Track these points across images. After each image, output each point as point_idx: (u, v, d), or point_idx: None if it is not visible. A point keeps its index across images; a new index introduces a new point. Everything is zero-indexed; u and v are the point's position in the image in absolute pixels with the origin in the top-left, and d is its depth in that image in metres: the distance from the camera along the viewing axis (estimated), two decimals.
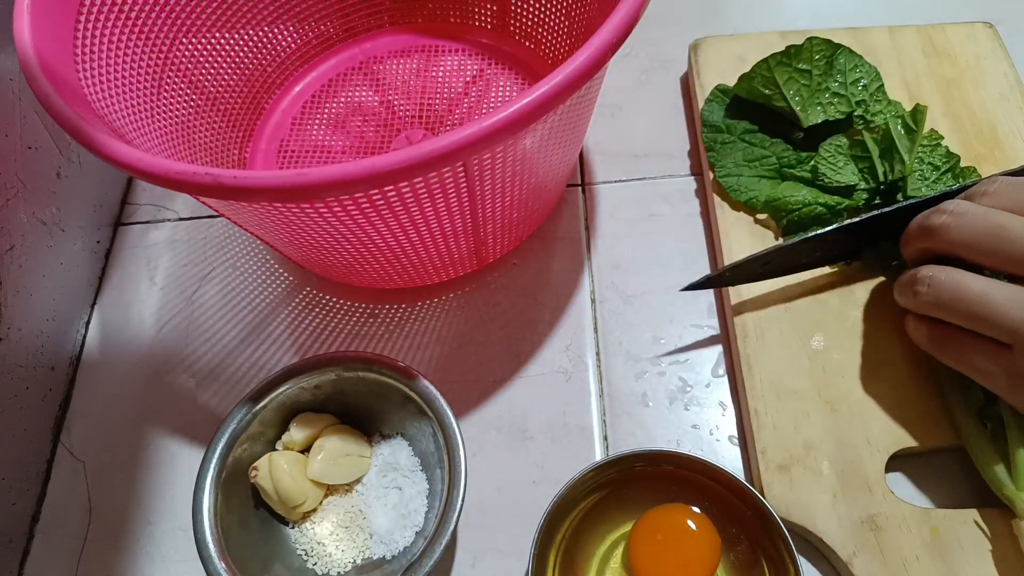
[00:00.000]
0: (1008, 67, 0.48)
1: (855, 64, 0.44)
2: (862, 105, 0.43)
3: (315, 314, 0.44)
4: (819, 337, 0.39)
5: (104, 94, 0.35)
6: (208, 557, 0.31)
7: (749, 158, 0.44)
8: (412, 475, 0.36)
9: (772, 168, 0.43)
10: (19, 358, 0.38)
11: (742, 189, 0.43)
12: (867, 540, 0.34)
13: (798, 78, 0.43)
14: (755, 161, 0.44)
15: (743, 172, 0.44)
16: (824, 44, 0.44)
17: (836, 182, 0.41)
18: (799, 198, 0.41)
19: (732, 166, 0.44)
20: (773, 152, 0.44)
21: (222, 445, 0.34)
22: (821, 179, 0.42)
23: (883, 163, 0.41)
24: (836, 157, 0.42)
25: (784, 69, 0.43)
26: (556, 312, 0.43)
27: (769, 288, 0.40)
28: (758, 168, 0.44)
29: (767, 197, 0.42)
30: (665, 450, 0.33)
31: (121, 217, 0.49)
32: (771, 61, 0.43)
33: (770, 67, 0.43)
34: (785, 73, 0.43)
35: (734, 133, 0.45)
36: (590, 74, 0.27)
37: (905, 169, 0.40)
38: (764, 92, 0.44)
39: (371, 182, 0.26)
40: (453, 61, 0.51)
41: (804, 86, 0.43)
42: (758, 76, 0.44)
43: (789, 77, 0.43)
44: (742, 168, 0.44)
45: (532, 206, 0.41)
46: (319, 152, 0.48)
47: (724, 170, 0.44)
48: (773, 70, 0.43)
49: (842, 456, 0.36)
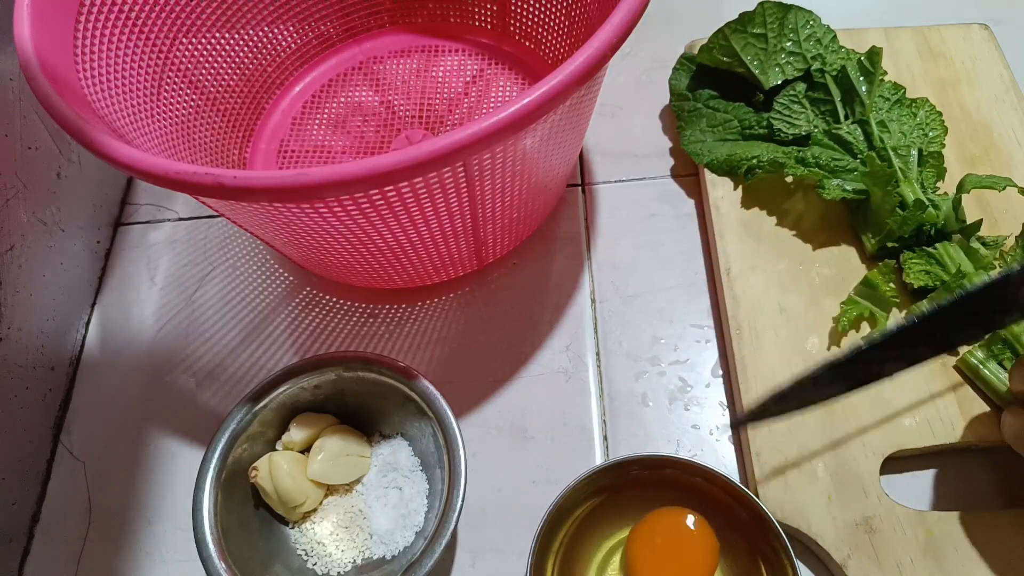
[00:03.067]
0: (1003, 68, 0.48)
1: (806, 20, 0.45)
2: (818, 59, 0.44)
3: (315, 314, 0.44)
4: (814, 339, 0.39)
5: (104, 94, 0.35)
6: (208, 557, 0.31)
7: (712, 123, 0.46)
8: (412, 475, 0.36)
9: (734, 131, 0.45)
10: (19, 358, 0.38)
11: (704, 153, 0.45)
12: (862, 542, 0.34)
13: (754, 43, 0.45)
14: (718, 126, 0.46)
15: (707, 137, 0.45)
16: (775, 7, 0.45)
17: (791, 135, 0.43)
18: (755, 153, 0.43)
19: (698, 132, 0.46)
20: (735, 116, 0.45)
21: (222, 445, 0.34)
22: (777, 134, 0.43)
23: (844, 107, 0.43)
24: (791, 108, 0.43)
25: (740, 36, 0.45)
26: (556, 312, 0.43)
27: (765, 291, 0.40)
28: (721, 132, 0.45)
29: (726, 155, 0.44)
30: (662, 455, 0.33)
31: (121, 217, 0.49)
32: (727, 30, 0.45)
33: (726, 35, 0.45)
34: (741, 40, 0.44)
35: (699, 100, 0.47)
36: (590, 74, 0.27)
37: (865, 111, 0.42)
38: (724, 60, 0.45)
39: (371, 182, 0.26)
40: (453, 61, 0.51)
41: (761, 50, 0.44)
42: (716, 45, 0.45)
43: (746, 43, 0.44)
44: (706, 133, 0.46)
45: (532, 206, 0.41)
46: (319, 152, 0.48)
47: (690, 137, 0.46)
48: (729, 38, 0.45)
49: (837, 459, 0.36)
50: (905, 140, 0.42)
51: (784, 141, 0.43)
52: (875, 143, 0.42)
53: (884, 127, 0.42)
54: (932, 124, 0.43)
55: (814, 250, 0.42)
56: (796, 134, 0.43)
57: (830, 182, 0.41)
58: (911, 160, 0.41)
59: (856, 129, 0.42)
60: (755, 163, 0.42)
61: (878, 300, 0.39)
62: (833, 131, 0.42)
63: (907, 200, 0.40)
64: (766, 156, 0.42)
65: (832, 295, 0.40)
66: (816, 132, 0.43)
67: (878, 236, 0.40)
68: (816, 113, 0.43)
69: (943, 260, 0.39)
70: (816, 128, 0.43)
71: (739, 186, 0.44)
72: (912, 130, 0.42)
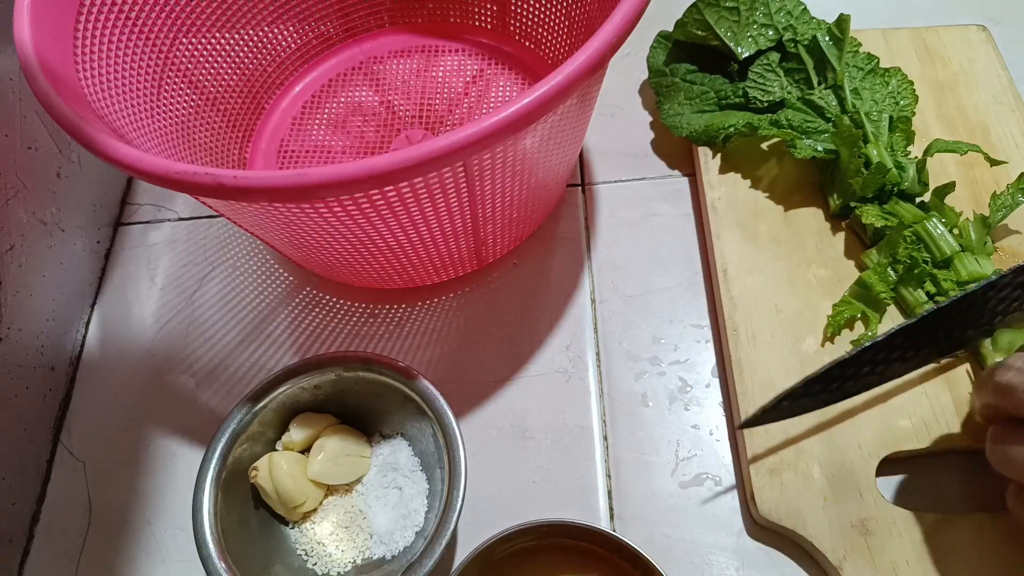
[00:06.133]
0: (1001, 69, 0.48)
1: None
2: (790, 30, 0.45)
3: (315, 314, 0.44)
4: (810, 340, 0.39)
5: (104, 94, 0.35)
6: (208, 557, 0.31)
7: (690, 96, 0.47)
8: (412, 475, 0.36)
9: (711, 102, 0.46)
10: (19, 358, 0.38)
11: (683, 125, 0.46)
12: (857, 544, 0.34)
13: (727, 16, 0.46)
14: (695, 98, 0.46)
15: (685, 110, 0.46)
16: None
17: (766, 102, 0.44)
18: (731, 121, 0.44)
19: (676, 106, 0.47)
20: (711, 87, 0.46)
21: (222, 445, 0.34)
22: (753, 102, 0.45)
23: (817, 74, 0.44)
24: (765, 76, 0.44)
25: (713, 10, 0.46)
26: (556, 312, 0.43)
27: (762, 292, 0.40)
28: (698, 104, 0.46)
29: (704, 126, 0.44)
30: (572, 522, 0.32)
31: (121, 217, 0.49)
32: (700, 4, 0.46)
33: (700, 10, 0.46)
34: (715, 13, 0.46)
35: (677, 75, 0.48)
36: (590, 74, 0.27)
37: (837, 77, 0.43)
38: (699, 34, 0.46)
39: (371, 182, 0.26)
40: (453, 61, 0.51)
41: (734, 22, 0.46)
42: (690, 20, 0.46)
43: (719, 17, 0.46)
44: (684, 106, 0.47)
45: (532, 206, 0.41)
46: (319, 152, 0.48)
47: (669, 111, 0.47)
48: (703, 12, 0.46)
49: (833, 460, 0.36)
50: (877, 107, 0.43)
51: (759, 109, 0.45)
52: (847, 108, 0.43)
53: (857, 94, 0.43)
54: (904, 92, 0.44)
55: (786, 211, 0.43)
56: (771, 101, 0.44)
57: (802, 142, 0.42)
58: (882, 125, 0.42)
59: (829, 94, 0.44)
60: (732, 131, 0.43)
61: (872, 301, 0.39)
62: (806, 97, 0.44)
63: (872, 161, 0.41)
64: (742, 122, 0.43)
65: (828, 296, 0.40)
66: (790, 98, 0.44)
67: (843, 196, 0.41)
68: (790, 81, 0.45)
69: (896, 212, 0.40)
70: (790, 94, 0.44)
71: (737, 187, 0.44)
72: (884, 98, 0.43)
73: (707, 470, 0.38)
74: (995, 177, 0.43)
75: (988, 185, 0.43)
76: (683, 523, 0.37)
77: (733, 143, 0.44)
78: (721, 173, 0.45)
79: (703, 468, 0.38)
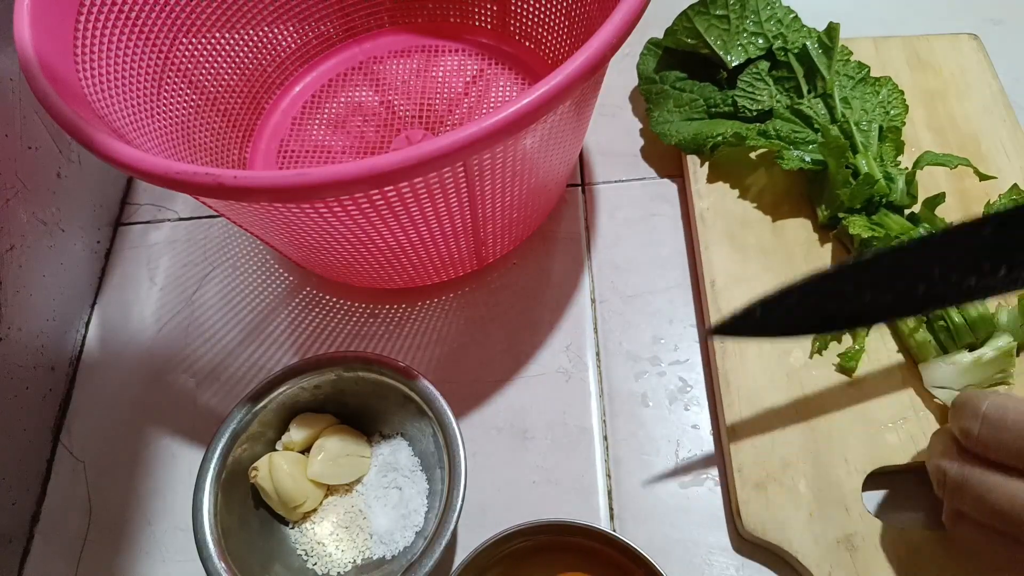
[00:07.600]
0: (992, 78, 0.47)
1: (767, 2, 0.46)
2: (780, 38, 0.45)
3: (315, 314, 0.44)
4: (798, 354, 0.39)
5: (104, 94, 0.35)
6: (208, 557, 0.31)
7: (679, 103, 0.46)
8: (412, 475, 0.36)
9: (700, 109, 0.46)
10: (19, 358, 0.38)
11: (672, 133, 0.45)
12: (843, 560, 0.33)
13: (717, 24, 0.45)
14: (685, 106, 0.46)
15: (674, 117, 0.46)
16: None
17: (755, 111, 0.44)
18: (720, 130, 0.43)
19: (665, 113, 0.46)
20: (701, 95, 0.46)
21: (222, 445, 0.34)
22: (742, 111, 0.44)
23: (807, 83, 0.44)
24: (754, 85, 0.44)
25: (703, 18, 0.46)
26: (556, 312, 0.43)
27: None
28: (687, 111, 0.46)
29: (693, 134, 0.44)
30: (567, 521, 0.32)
31: (121, 217, 0.49)
32: (690, 12, 0.46)
33: (690, 18, 0.46)
34: (705, 21, 0.45)
35: (666, 83, 0.47)
36: (590, 74, 0.27)
37: (827, 85, 0.43)
38: (688, 42, 0.46)
39: (371, 182, 0.26)
40: (453, 61, 0.51)
41: (724, 30, 0.45)
42: (680, 28, 0.46)
43: (709, 25, 0.45)
44: (673, 113, 0.46)
45: (532, 206, 0.41)
46: (319, 152, 0.48)
47: (658, 118, 0.46)
48: (693, 20, 0.46)
49: (819, 475, 0.35)
50: (867, 116, 0.43)
51: (748, 118, 0.44)
52: (837, 117, 0.43)
53: (847, 103, 0.43)
54: (894, 102, 0.44)
55: (775, 222, 0.43)
56: (759, 110, 0.44)
57: (789, 153, 0.42)
58: (872, 134, 0.42)
59: (818, 103, 0.43)
60: (720, 139, 0.43)
61: None
62: (795, 106, 0.43)
63: (860, 171, 0.41)
64: (731, 131, 0.43)
65: None
66: (779, 107, 0.44)
67: (831, 207, 0.41)
68: (780, 90, 0.44)
69: (884, 224, 0.40)
70: (779, 103, 0.44)
71: (726, 197, 0.44)
72: (874, 107, 0.43)
73: (707, 470, 0.38)
74: (985, 188, 0.43)
75: (979, 196, 0.43)
76: (683, 523, 0.37)
77: (721, 152, 0.44)
78: (709, 182, 0.44)
79: (703, 468, 0.38)
